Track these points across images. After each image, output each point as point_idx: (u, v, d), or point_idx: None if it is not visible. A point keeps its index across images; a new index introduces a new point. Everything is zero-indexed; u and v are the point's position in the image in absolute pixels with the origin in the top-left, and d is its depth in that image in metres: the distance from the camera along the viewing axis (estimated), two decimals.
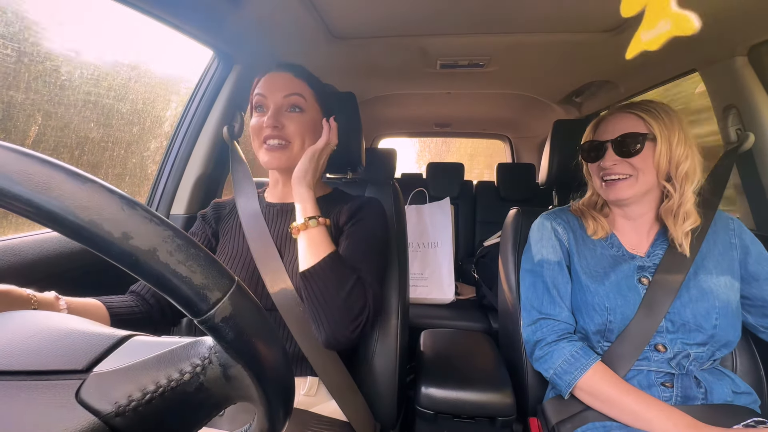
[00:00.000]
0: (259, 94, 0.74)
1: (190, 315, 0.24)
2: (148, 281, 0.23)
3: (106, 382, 0.24)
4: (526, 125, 2.47)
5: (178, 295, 0.23)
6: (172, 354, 0.26)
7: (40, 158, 0.22)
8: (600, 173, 0.79)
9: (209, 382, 0.26)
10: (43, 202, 0.21)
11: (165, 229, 0.24)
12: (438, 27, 1.07)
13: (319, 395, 0.72)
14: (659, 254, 0.77)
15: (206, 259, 0.25)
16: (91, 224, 0.21)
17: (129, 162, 1.18)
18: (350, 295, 0.63)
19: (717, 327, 0.70)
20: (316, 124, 0.77)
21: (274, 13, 0.95)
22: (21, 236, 0.77)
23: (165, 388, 0.25)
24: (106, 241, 0.22)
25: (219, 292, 0.24)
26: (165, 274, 0.23)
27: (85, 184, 0.22)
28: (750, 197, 1.01)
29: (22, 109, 0.87)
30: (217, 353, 0.27)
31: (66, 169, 0.22)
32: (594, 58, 1.24)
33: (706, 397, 0.70)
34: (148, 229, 0.23)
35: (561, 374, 0.73)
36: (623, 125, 0.75)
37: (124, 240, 0.22)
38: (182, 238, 0.24)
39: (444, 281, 1.80)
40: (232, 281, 0.26)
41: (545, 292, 0.81)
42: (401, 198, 0.99)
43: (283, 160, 0.73)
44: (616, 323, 0.74)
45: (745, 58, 0.95)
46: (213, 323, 0.24)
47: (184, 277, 0.23)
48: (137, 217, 0.23)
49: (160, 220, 0.24)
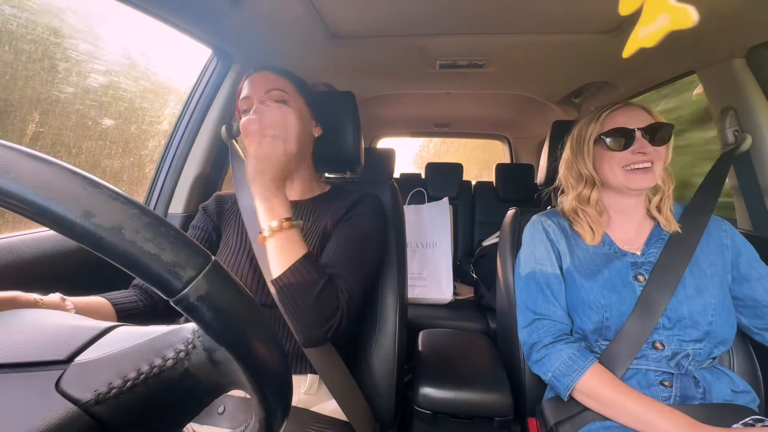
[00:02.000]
0: (244, 97, 0.76)
1: (163, 295, 0.23)
2: (117, 262, 0.22)
3: (87, 371, 0.24)
4: (525, 126, 2.47)
5: (148, 273, 0.23)
6: (154, 341, 0.26)
7: (6, 145, 0.22)
8: (626, 162, 0.77)
9: (195, 367, 0.26)
10: (1, 184, 0.20)
11: (131, 208, 0.23)
12: (437, 27, 1.07)
13: (319, 394, 0.73)
14: (654, 253, 0.78)
15: (177, 236, 0.24)
16: (50, 203, 0.21)
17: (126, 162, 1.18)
18: (319, 298, 0.60)
19: (713, 323, 0.71)
20: (302, 114, 0.77)
21: (274, 11, 0.95)
22: (19, 234, 0.76)
23: (148, 375, 0.24)
24: (67, 220, 0.21)
25: (192, 270, 0.24)
26: (132, 251, 0.22)
27: (46, 166, 0.22)
28: (747, 199, 1.01)
29: (19, 107, 0.87)
30: (200, 337, 0.26)
31: (25, 152, 0.22)
32: (593, 58, 1.25)
33: (705, 396, 0.70)
34: (112, 207, 0.22)
35: (559, 377, 0.74)
36: (643, 117, 0.77)
37: (86, 218, 0.21)
38: (150, 216, 0.24)
39: (442, 281, 1.80)
40: (208, 259, 0.25)
41: (539, 292, 0.81)
42: (400, 198, 0.99)
43: None
44: (613, 320, 0.74)
45: (743, 60, 0.96)
46: (188, 302, 0.23)
47: (152, 254, 0.23)
48: (101, 195, 0.22)
49: (125, 198, 0.23)
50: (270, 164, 0.63)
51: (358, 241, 0.71)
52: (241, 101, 0.77)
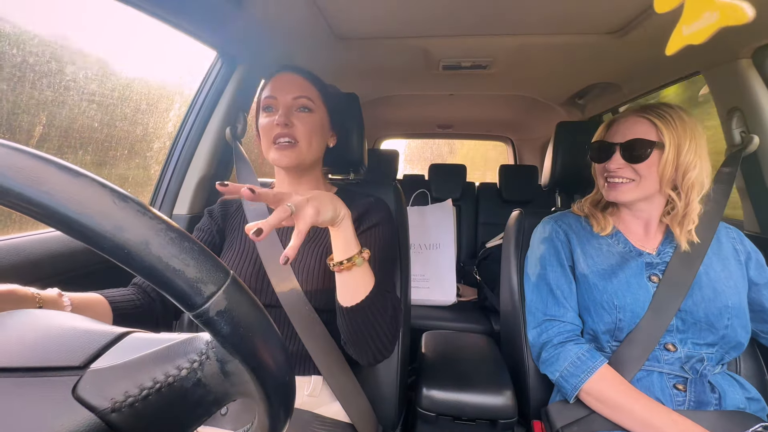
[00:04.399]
0: (269, 96, 0.75)
1: (184, 309, 0.24)
2: (142, 274, 0.23)
3: (103, 378, 0.24)
4: (529, 127, 2.46)
5: (171, 288, 0.23)
6: (168, 350, 0.26)
7: (31, 153, 0.22)
8: (605, 174, 0.79)
9: (207, 377, 0.26)
10: (34, 196, 0.21)
11: (158, 222, 0.23)
12: (441, 28, 1.07)
13: (323, 396, 0.72)
14: (669, 252, 0.77)
15: (200, 252, 0.25)
16: (83, 217, 0.21)
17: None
18: (393, 320, 0.65)
19: (729, 327, 0.70)
20: (323, 125, 0.79)
21: (278, 13, 0.96)
22: (25, 235, 0.77)
23: (162, 384, 0.25)
24: (98, 234, 0.22)
25: (213, 285, 0.24)
26: (158, 267, 0.23)
27: (76, 178, 0.22)
28: (754, 200, 1.00)
29: (26, 109, 0.88)
30: (214, 348, 0.27)
31: (57, 164, 0.22)
32: (598, 59, 1.24)
33: (720, 402, 0.69)
34: (140, 221, 0.23)
35: (567, 377, 0.73)
36: (634, 130, 0.75)
37: (117, 233, 0.22)
38: (175, 231, 0.24)
39: (446, 283, 1.80)
40: (227, 275, 0.25)
41: (549, 294, 0.81)
42: (403, 199, 0.99)
43: (292, 158, 0.74)
44: (626, 321, 0.74)
45: (750, 60, 0.95)
46: (208, 317, 0.24)
47: (177, 270, 0.23)
48: (129, 210, 0.23)
49: (152, 213, 0.24)
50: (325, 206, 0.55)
51: (385, 258, 0.73)
52: (264, 99, 0.76)
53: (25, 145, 0.22)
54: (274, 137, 0.73)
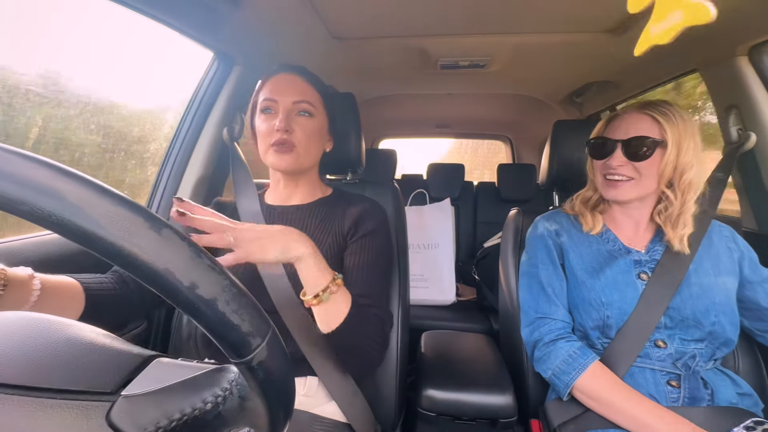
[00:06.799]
0: (268, 99, 0.74)
1: (231, 357, 0.26)
2: (200, 324, 0.25)
3: (135, 406, 0.24)
4: (527, 126, 2.46)
5: (226, 340, 0.25)
6: (195, 382, 0.27)
7: (125, 200, 0.23)
8: (604, 171, 0.79)
9: (227, 411, 0.27)
10: (126, 248, 0.22)
11: (224, 279, 0.26)
12: (438, 27, 1.07)
13: (318, 396, 0.72)
14: (659, 250, 0.77)
15: (254, 307, 0.27)
16: (165, 272, 0.23)
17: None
18: (376, 333, 0.68)
19: (716, 324, 0.71)
20: (322, 130, 0.78)
21: (275, 14, 0.96)
22: (21, 238, 0.77)
23: (188, 417, 0.25)
24: (176, 289, 0.24)
25: (259, 338, 0.27)
26: (220, 320, 0.25)
27: (161, 231, 0.24)
28: (751, 197, 1.01)
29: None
30: (238, 385, 0.27)
31: (146, 213, 0.23)
32: (595, 58, 1.24)
33: (713, 398, 0.70)
34: (211, 278, 0.25)
35: (559, 374, 0.73)
36: (637, 127, 0.74)
37: (191, 289, 0.24)
38: (237, 287, 0.26)
39: (445, 282, 1.80)
40: (269, 327, 0.28)
41: (541, 292, 0.81)
42: (401, 199, 0.99)
43: (290, 162, 0.74)
44: (614, 318, 0.74)
45: (746, 57, 0.95)
46: (249, 365, 0.26)
47: (235, 325, 0.25)
48: (203, 266, 0.25)
49: (220, 268, 0.26)
50: (272, 247, 0.56)
51: (375, 266, 0.73)
52: (263, 101, 0.74)
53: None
54: (274, 141, 0.72)
